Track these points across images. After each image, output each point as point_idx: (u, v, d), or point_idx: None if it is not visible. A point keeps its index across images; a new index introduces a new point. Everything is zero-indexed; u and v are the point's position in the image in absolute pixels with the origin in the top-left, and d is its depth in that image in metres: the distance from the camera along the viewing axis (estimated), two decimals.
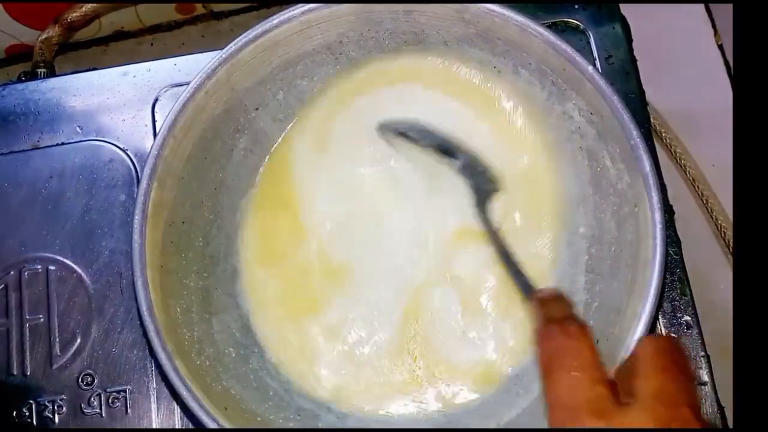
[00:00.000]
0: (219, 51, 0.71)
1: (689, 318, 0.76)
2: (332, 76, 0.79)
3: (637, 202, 0.66)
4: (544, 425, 0.64)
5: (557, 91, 0.73)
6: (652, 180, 0.65)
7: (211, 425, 0.64)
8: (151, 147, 0.69)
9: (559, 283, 0.74)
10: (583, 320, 0.59)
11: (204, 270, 0.74)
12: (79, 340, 0.78)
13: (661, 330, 0.75)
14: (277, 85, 0.77)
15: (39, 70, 0.91)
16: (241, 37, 0.71)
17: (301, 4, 0.71)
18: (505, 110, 0.78)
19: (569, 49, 0.68)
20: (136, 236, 0.67)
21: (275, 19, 0.71)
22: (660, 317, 0.76)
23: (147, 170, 0.68)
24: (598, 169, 0.72)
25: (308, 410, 0.73)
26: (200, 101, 0.71)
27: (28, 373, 0.78)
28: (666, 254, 0.64)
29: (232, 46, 0.71)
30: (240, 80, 0.74)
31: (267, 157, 0.79)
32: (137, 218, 0.67)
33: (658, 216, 0.64)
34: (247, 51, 0.72)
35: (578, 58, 0.68)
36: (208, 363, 0.70)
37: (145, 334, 0.66)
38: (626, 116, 0.66)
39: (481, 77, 0.78)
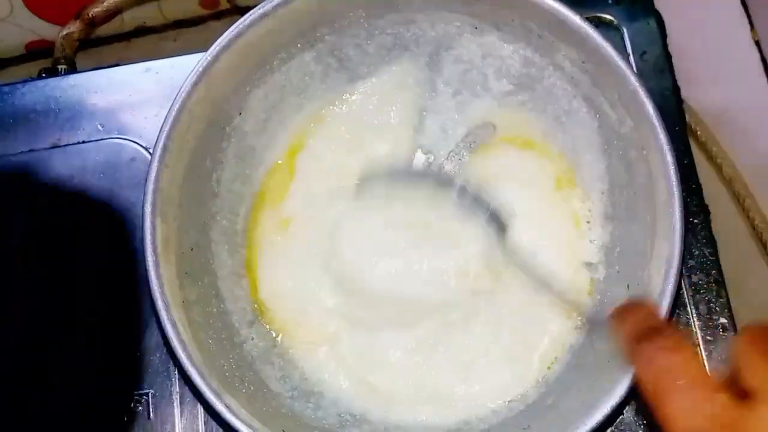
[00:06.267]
0: (194, 66, 0.70)
1: (725, 320, 0.75)
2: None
3: (644, 145, 0.67)
4: None
5: (545, 45, 0.73)
6: (657, 122, 0.65)
7: None
8: (146, 181, 0.68)
9: None
10: (674, 326, 0.56)
11: (220, 293, 0.74)
12: None
13: (696, 332, 0.75)
14: (256, 84, 0.76)
15: (60, 67, 0.91)
16: (214, 46, 0.70)
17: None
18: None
19: (553, 2, 0.68)
20: (153, 279, 0.66)
21: (246, 20, 0.70)
22: (695, 319, 0.75)
23: (148, 208, 0.67)
24: (597, 116, 0.73)
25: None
26: (185, 123, 0.70)
27: None
28: (683, 194, 0.65)
29: (207, 57, 0.70)
30: (220, 90, 0.72)
31: (260, 165, 0.79)
32: (150, 260, 0.66)
33: (669, 157, 0.65)
34: (223, 59, 0.71)
35: (564, 10, 0.68)
36: (252, 388, 0.70)
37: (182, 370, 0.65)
38: (622, 63, 0.67)
39: None
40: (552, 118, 0.77)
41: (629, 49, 0.83)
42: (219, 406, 0.63)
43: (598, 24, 0.82)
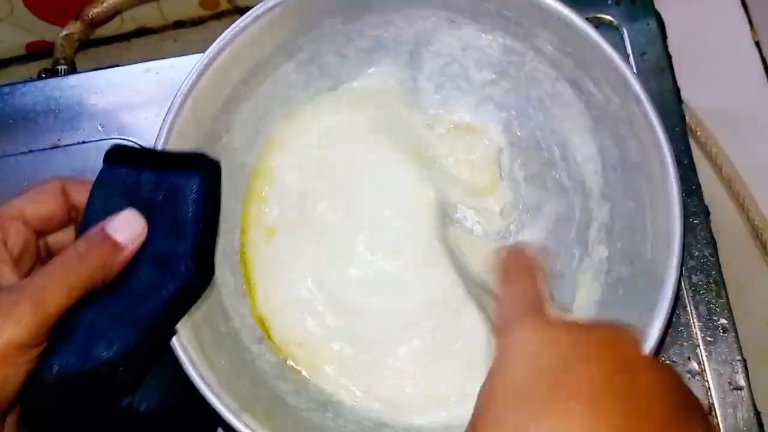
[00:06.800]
0: (179, 86, 0.69)
1: (725, 321, 0.75)
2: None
3: (633, 120, 0.67)
4: None
5: (524, 31, 0.72)
6: (643, 97, 0.65)
7: None
8: None
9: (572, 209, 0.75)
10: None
11: (227, 312, 0.73)
12: None
13: (696, 332, 0.75)
14: (242, 100, 0.75)
15: (59, 67, 0.91)
16: (196, 65, 0.69)
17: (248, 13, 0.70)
18: None
19: None
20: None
21: (227, 35, 0.70)
22: (695, 319, 0.75)
23: None
24: (583, 97, 0.72)
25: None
26: (174, 146, 0.68)
27: None
28: (678, 170, 0.64)
29: (191, 76, 0.69)
30: (206, 109, 0.71)
31: (246, 182, 0.77)
32: None
33: (659, 130, 0.64)
34: (206, 77, 0.69)
35: None
36: (269, 404, 0.69)
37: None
38: (602, 42, 0.67)
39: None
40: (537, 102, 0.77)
41: (629, 50, 0.83)
42: (238, 425, 0.62)
43: (598, 24, 0.83)
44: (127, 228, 0.59)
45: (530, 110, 0.77)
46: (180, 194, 0.60)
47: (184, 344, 0.62)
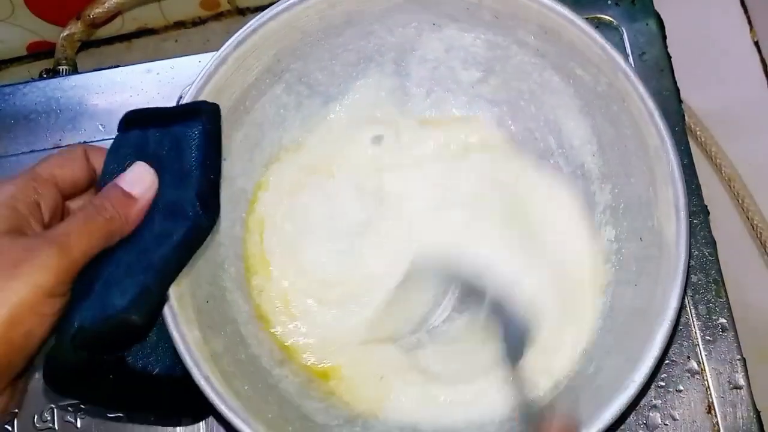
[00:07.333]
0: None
1: (725, 320, 0.75)
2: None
3: (623, 97, 0.67)
4: None
5: (503, 25, 0.72)
6: (630, 72, 0.66)
7: None
8: None
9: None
10: None
11: (245, 340, 0.72)
12: None
13: (696, 332, 0.75)
14: (235, 128, 0.74)
15: (61, 68, 0.91)
16: (185, 97, 0.68)
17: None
18: None
19: None
20: (178, 340, 0.63)
21: (210, 66, 0.69)
22: (695, 319, 0.75)
23: None
24: (571, 81, 0.72)
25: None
26: None
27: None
28: (673, 140, 0.65)
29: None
30: None
31: (245, 211, 0.77)
32: (171, 324, 0.63)
33: (649, 102, 0.65)
34: None
35: None
36: (299, 424, 0.68)
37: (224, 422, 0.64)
38: (581, 23, 0.67)
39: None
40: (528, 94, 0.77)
41: (629, 50, 0.83)
42: None
43: (598, 24, 0.83)
44: (138, 180, 0.61)
45: (521, 103, 0.77)
46: (184, 142, 0.63)
47: (207, 375, 0.62)
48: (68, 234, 0.56)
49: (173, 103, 0.76)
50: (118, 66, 0.87)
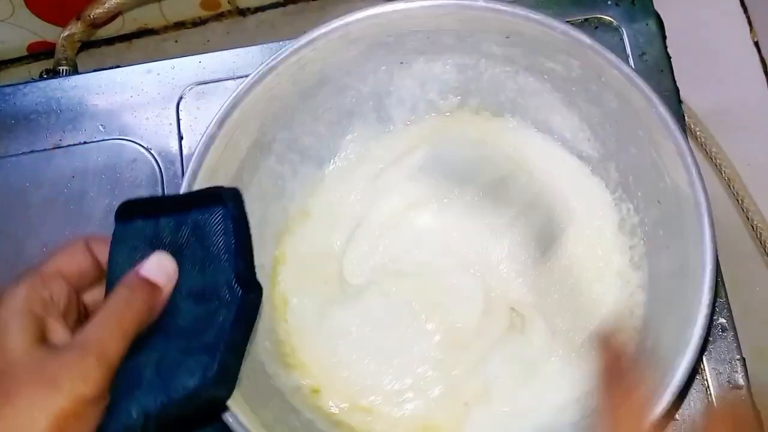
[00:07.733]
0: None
1: (724, 320, 0.75)
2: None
3: (599, 73, 0.67)
4: None
5: (466, 41, 0.72)
6: (596, 45, 0.66)
7: None
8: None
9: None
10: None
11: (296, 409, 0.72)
12: None
13: None
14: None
15: (61, 68, 0.91)
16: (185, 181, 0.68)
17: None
18: None
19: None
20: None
21: (200, 148, 0.68)
22: None
23: None
24: (545, 77, 0.73)
25: None
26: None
27: None
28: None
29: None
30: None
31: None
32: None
33: (624, 67, 0.65)
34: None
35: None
36: None
37: None
38: (536, 15, 0.67)
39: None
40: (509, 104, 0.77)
41: (629, 50, 0.83)
42: None
43: (598, 25, 0.83)
44: (160, 268, 0.61)
45: (506, 114, 0.77)
46: (207, 228, 0.61)
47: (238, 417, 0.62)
48: (102, 339, 0.55)
49: (173, 103, 0.76)
50: (118, 66, 0.87)
